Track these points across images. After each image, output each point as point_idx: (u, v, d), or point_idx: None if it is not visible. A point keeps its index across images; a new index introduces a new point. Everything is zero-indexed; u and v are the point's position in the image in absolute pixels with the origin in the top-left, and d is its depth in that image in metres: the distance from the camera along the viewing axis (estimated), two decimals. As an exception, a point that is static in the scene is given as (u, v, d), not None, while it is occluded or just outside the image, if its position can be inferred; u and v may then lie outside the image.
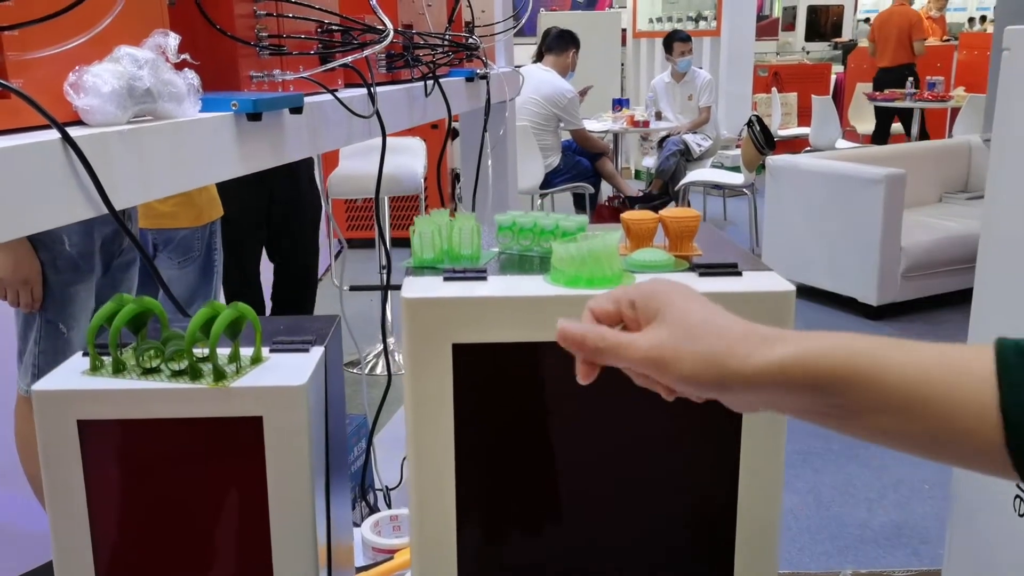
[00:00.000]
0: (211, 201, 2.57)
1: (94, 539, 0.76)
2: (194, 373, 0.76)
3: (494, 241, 0.87)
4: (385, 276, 2.21)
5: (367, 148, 3.21)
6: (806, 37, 13.94)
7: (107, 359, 0.78)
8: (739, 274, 0.75)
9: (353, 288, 3.31)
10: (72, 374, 0.77)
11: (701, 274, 0.76)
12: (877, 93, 7.97)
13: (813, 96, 7.89)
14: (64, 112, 0.82)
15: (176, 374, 0.77)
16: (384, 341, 2.10)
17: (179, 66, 1.01)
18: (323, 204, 3.24)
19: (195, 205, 2.49)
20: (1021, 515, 1.19)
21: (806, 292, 5.02)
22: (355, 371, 3.69)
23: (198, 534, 0.78)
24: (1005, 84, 1.34)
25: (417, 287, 0.73)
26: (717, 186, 6.13)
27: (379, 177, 1.75)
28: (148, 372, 0.77)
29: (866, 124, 8.47)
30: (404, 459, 0.76)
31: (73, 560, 0.77)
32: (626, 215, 0.83)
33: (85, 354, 0.80)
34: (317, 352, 0.83)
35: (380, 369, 3.81)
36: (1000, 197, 1.40)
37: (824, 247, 4.55)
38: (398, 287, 0.77)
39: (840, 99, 9.65)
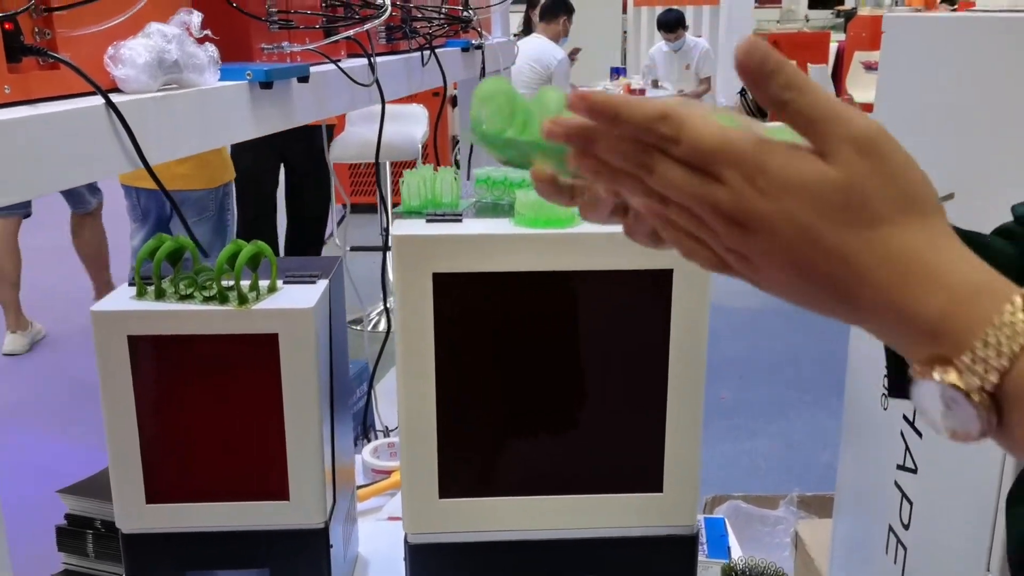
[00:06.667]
0: (224, 164, 2.74)
1: (141, 434, 0.93)
2: (222, 298, 0.93)
3: (473, 192, 1.03)
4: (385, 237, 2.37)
5: (372, 114, 3.35)
6: (809, 5, 13.93)
7: (150, 288, 0.95)
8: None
9: (354, 248, 3.47)
10: (123, 299, 0.94)
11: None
12: (874, 62, 8.05)
13: (809, 65, 7.96)
14: (104, 82, 0.97)
15: (207, 299, 0.93)
16: (384, 298, 2.26)
17: (201, 40, 1.17)
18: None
19: (209, 168, 2.66)
20: (885, 408, 1.37)
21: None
22: (358, 328, 3.86)
23: (225, 430, 0.95)
24: (884, 61, 1.51)
25: (405, 227, 0.89)
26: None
27: (379, 141, 1.90)
28: (184, 298, 0.94)
29: (864, 93, 8.55)
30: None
31: (124, 449, 0.93)
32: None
33: (131, 284, 0.97)
34: (323, 284, 0.99)
35: (382, 326, 3.98)
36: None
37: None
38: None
39: (840, 68, 9.70)
